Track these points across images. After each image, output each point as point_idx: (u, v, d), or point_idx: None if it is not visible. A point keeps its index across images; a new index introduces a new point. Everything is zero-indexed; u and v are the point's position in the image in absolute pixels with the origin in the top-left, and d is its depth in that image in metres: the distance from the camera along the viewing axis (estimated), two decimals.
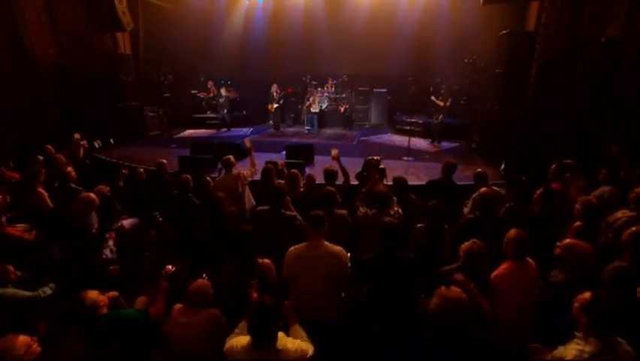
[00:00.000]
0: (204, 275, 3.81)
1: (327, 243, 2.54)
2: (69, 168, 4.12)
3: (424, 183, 5.57)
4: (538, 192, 3.25)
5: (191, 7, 11.68)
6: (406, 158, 7.37)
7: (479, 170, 4.51)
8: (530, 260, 2.47)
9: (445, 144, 8.87)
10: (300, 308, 2.52)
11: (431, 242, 3.10)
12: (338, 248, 2.54)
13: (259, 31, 12.79)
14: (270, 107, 10.93)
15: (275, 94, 10.87)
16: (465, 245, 2.40)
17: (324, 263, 2.46)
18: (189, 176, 4.10)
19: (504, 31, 6.99)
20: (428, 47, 11.18)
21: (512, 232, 2.46)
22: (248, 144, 4.96)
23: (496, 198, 3.39)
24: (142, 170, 5.70)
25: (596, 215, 3.05)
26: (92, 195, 3.44)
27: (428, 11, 11.13)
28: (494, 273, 2.44)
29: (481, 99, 8.56)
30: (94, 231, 3.69)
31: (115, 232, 4.20)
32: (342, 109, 11.31)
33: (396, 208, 3.16)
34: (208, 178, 4.72)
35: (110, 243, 3.46)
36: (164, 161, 5.27)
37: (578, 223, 3.12)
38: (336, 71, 12.41)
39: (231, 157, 4.58)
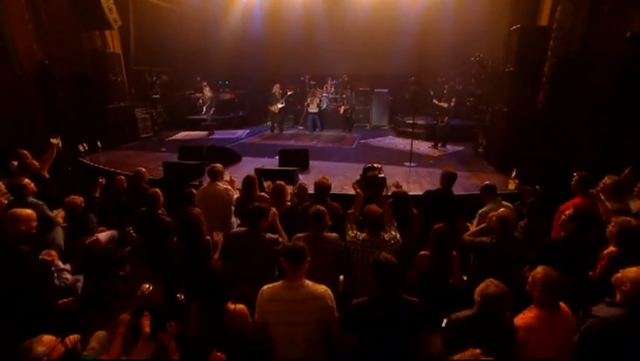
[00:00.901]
0: (180, 296, 3.39)
1: (308, 282, 2.06)
2: (26, 180, 3.65)
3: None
4: (567, 212, 2.74)
5: (186, 5, 11.25)
6: (408, 163, 6.87)
7: (487, 182, 4.02)
8: (563, 305, 1.98)
9: (450, 148, 8.36)
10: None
11: (437, 271, 2.63)
12: (322, 289, 2.06)
13: (257, 30, 12.37)
14: (273, 107, 10.40)
15: (277, 94, 10.39)
16: (481, 288, 1.92)
17: (305, 308, 1.99)
18: (158, 190, 3.62)
19: (514, 27, 6.47)
20: (432, 44, 10.72)
21: (540, 271, 1.97)
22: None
23: (516, 222, 2.90)
24: (122, 177, 5.25)
25: (636, 239, 2.55)
26: (26, 212, 2.90)
27: (432, 8, 10.63)
28: (518, 320, 1.96)
29: (488, 100, 8.05)
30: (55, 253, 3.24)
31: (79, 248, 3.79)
32: (341, 110, 10.83)
33: (393, 233, 2.68)
34: (193, 190, 4.25)
35: (60, 265, 3.00)
36: (143, 169, 4.82)
37: (612, 249, 2.63)
38: (335, 71, 11.96)
39: (218, 165, 4.08)
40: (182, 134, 10.63)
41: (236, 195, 3.94)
